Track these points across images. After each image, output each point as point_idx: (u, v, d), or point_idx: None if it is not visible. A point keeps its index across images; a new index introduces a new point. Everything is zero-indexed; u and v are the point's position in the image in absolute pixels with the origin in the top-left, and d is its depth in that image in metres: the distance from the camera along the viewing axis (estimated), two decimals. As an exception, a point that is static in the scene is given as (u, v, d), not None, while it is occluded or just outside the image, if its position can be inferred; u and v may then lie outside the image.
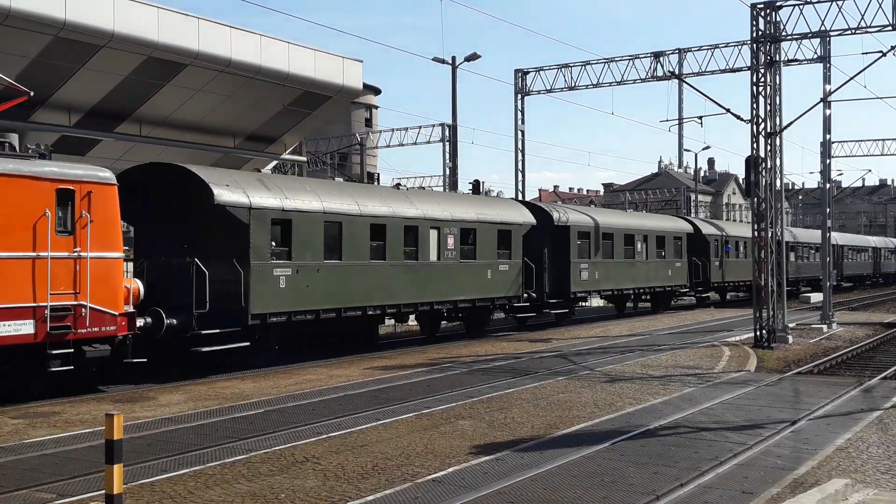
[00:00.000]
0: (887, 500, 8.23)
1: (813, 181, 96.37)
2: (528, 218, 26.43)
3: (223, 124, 23.87)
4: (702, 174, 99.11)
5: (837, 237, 53.17)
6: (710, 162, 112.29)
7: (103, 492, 7.05)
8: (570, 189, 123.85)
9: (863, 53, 38.55)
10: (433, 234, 22.05)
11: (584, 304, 34.58)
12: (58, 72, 19.86)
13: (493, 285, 24.45)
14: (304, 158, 33.31)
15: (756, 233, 23.72)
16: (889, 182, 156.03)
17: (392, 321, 24.58)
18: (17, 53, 18.91)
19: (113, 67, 20.29)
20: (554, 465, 9.53)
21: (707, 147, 66.35)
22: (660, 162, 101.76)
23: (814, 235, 50.99)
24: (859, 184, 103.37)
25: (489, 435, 11.23)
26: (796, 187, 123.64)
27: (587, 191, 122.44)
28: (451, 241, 22.44)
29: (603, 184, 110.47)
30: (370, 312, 20.31)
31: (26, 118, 21.04)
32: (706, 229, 39.01)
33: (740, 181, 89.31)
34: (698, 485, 8.82)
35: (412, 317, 23.87)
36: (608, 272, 30.33)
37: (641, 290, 33.82)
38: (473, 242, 23.64)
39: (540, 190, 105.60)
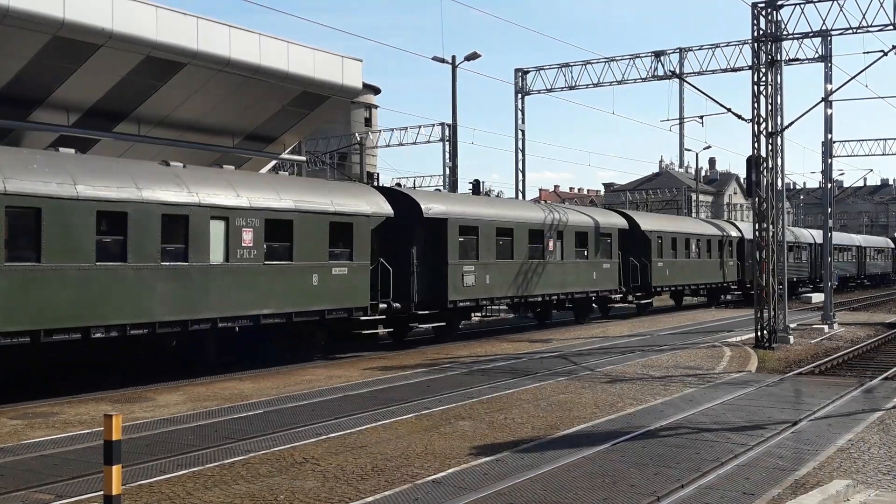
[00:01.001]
0: (889, 501, 8.18)
1: (814, 181, 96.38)
2: (379, 208, 20.81)
3: (222, 124, 23.76)
4: (703, 174, 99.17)
5: (814, 235, 50.03)
6: (712, 162, 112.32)
7: (102, 493, 6.99)
8: (571, 189, 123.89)
9: (864, 53, 38.55)
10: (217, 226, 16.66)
11: (476, 315, 29.61)
12: (56, 71, 19.74)
13: (318, 295, 18.65)
14: (304, 158, 33.20)
15: (758, 233, 23.65)
16: (890, 182, 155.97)
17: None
18: (16, 53, 18.82)
19: (111, 67, 20.18)
20: (554, 466, 9.48)
21: (708, 147, 66.48)
22: (661, 162, 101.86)
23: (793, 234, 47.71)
24: (861, 183, 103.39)
25: (489, 436, 11.18)
26: (798, 187, 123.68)
27: (588, 190, 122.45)
28: (247, 235, 17.18)
29: (604, 184, 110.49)
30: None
31: (24, 118, 20.93)
32: (647, 224, 33.90)
33: (741, 181, 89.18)
34: (699, 486, 8.77)
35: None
36: (504, 276, 24.71)
37: (554, 297, 27.61)
38: (289, 239, 18.23)
39: (540, 190, 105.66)
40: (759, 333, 22.82)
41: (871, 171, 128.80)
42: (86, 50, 19.72)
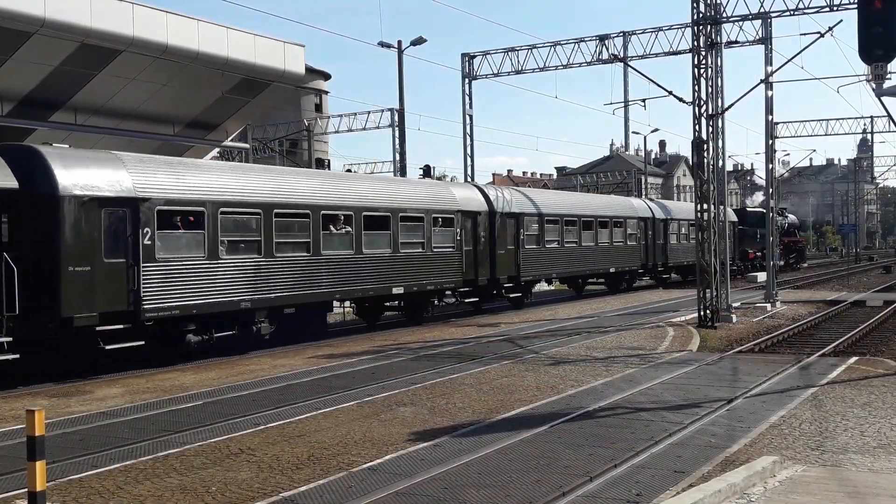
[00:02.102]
0: (815, 476, 8.36)
1: (760, 162, 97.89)
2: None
3: (162, 111, 23.43)
4: (653, 157, 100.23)
5: (653, 208, 39.62)
6: (662, 144, 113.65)
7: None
8: (525, 173, 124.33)
9: (801, 35, 39.09)
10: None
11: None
12: (-13, 61, 19.35)
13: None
14: (248, 146, 32.85)
15: (699, 214, 23.99)
16: (836, 161, 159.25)
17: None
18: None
19: (45, 55, 19.78)
20: (491, 450, 9.52)
21: (656, 130, 66.69)
22: (612, 145, 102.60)
23: (682, 209, 42.96)
24: (806, 163, 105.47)
25: (429, 421, 11.20)
26: (745, 168, 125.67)
27: (541, 174, 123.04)
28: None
29: (556, 168, 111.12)
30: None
31: (-44, 108, 20.46)
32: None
33: (690, 163, 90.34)
34: (632, 465, 8.88)
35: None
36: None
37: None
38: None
39: (493, 174, 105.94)
40: (702, 313, 23.17)
41: (815, 151, 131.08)
42: (18, 38, 19.29)
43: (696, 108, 23.50)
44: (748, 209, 59.01)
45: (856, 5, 14.19)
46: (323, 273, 20.39)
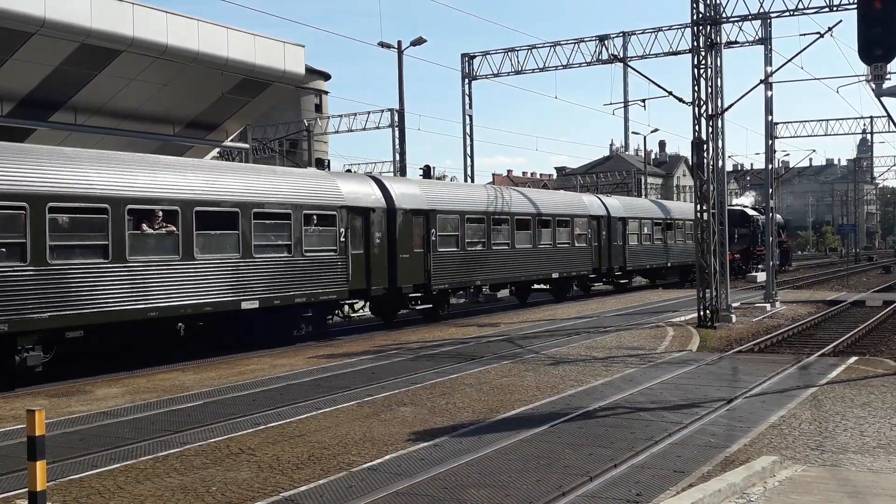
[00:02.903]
0: (815, 476, 8.37)
1: (759, 162, 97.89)
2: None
3: (162, 112, 23.45)
4: (653, 157, 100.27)
5: (610, 205, 35.44)
6: (661, 144, 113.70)
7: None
8: (524, 173, 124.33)
9: (800, 35, 39.17)
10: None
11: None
12: (-13, 61, 19.36)
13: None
14: (248, 146, 32.87)
15: (699, 214, 24.00)
16: (836, 162, 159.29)
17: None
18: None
19: (45, 55, 19.79)
20: (491, 450, 9.53)
21: (655, 130, 66.67)
22: (611, 146, 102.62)
23: (646, 207, 39.80)
24: (806, 164, 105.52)
25: (429, 421, 11.20)
26: (745, 168, 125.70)
27: (541, 175, 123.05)
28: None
29: (556, 168, 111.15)
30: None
31: (-44, 108, 20.48)
32: (412, 200, 23.61)
33: (689, 163, 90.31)
34: (632, 465, 8.88)
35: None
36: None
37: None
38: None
39: (493, 174, 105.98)
40: (701, 313, 23.18)
41: (815, 151, 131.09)
42: (19, 38, 19.29)
43: (696, 109, 23.51)
44: (727, 207, 58.34)
45: (855, 5, 14.20)
46: (127, 286, 15.93)
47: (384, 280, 22.18)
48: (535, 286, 31.75)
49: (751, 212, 53.54)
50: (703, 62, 23.49)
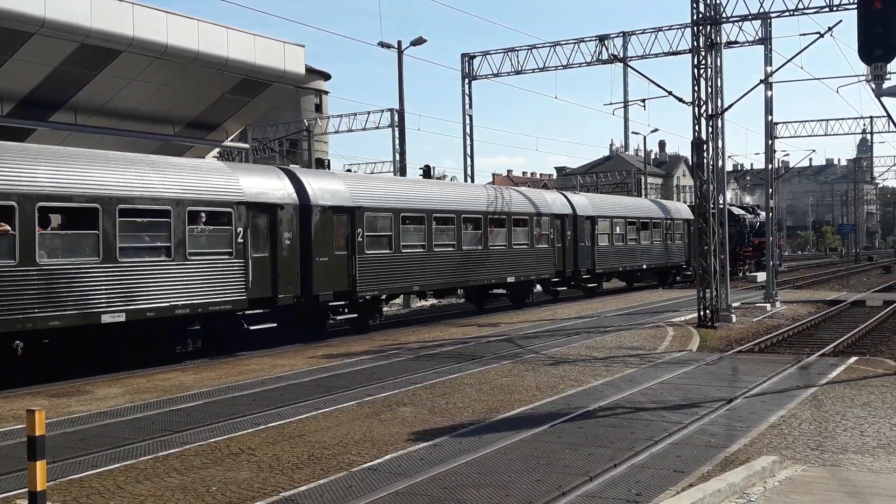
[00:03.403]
0: (815, 476, 8.37)
1: (759, 162, 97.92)
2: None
3: (162, 112, 23.45)
4: (653, 157, 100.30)
5: (577, 203, 32.68)
6: (661, 144, 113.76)
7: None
8: (524, 173, 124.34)
9: (800, 35, 39.19)
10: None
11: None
12: (-13, 61, 19.36)
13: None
14: (247, 146, 32.88)
15: (699, 214, 24.01)
16: (835, 161, 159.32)
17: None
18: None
19: (45, 55, 19.79)
20: (491, 450, 9.53)
21: (655, 130, 66.63)
22: (611, 146, 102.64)
23: (621, 205, 37.29)
24: (806, 164, 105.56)
25: (429, 421, 11.20)
26: (745, 168, 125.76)
27: (541, 175, 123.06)
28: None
29: (556, 168, 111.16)
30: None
31: (-44, 108, 20.48)
32: (323, 195, 20.50)
33: (689, 163, 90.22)
34: (632, 465, 8.88)
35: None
36: None
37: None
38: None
39: (493, 174, 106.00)
40: (701, 313, 23.18)
41: (814, 151, 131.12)
42: (19, 38, 19.29)
43: (696, 109, 23.51)
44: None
45: (855, 5, 14.20)
46: None
47: (295, 287, 19.38)
48: (494, 291, 29.28)
49: (737, 210, 51.35)
50: (703, 62, 23.50)
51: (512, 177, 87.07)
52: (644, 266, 37.70)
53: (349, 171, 47.22)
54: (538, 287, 31.38)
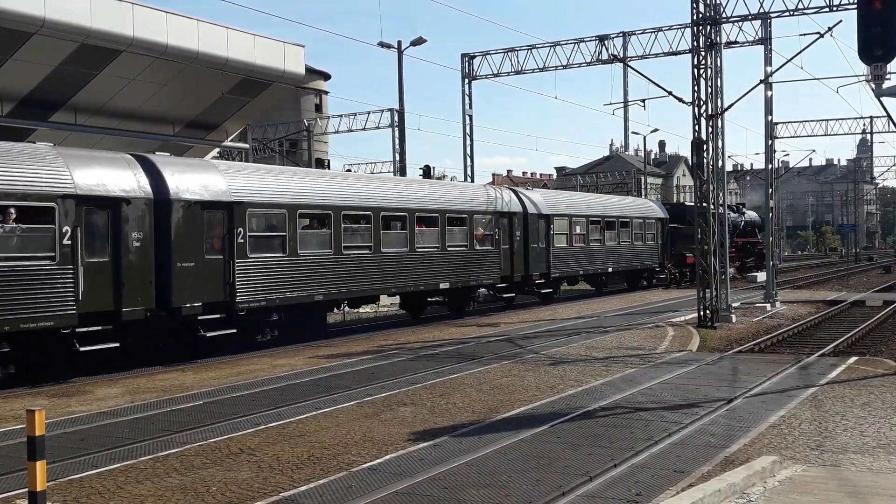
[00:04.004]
0: (815, 476, 8.37)
1: (759, 162, 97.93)
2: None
3: (162, 112, 23.45)
4: (653, 157, 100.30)
5: (528, 200, 29.35)
6: (661, 144, 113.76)
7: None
8: (524, 173, 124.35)
9: (800, 35, 39.16)
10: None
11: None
12: (-13, 61, 19.36)
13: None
14: (247, 146, 32.90)
15: (699, 214, 24.00)
16: (835, 162, 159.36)
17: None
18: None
19: (45, 55, 19.79)
20: (491, 450, 9.53)
21: (655, 130, 66.56)
22: (611, 146, 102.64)
23: (584, 202, 34.51)
24: (806, 164, 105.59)
25: (429, 421, 11.20)
26: (745, 168, 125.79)
27: (541, 174, 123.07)
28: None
29: (556, 167, 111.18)
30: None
31: (-44, 108, 20.48)
32: (189, 187, 17.39)
33: (689, 163, 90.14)
34: (632, 465, 8.88)
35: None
36: None
37: None
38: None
39: (493, 174, 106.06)
40: (701, 313, 23.18)
41: (814, 151, 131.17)
42: (19, 38, 19.29)
43: (696, 109, 23.51)
44: (686, 203, 44.77)
45: (855, 5, 14.20)
46: None
47: (148, 298, 16.23)
48: (431, 299, 26.09)
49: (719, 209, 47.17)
50: (703, 62, 23.50)
51: (512, 177, 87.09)
52: (610, 269, 34.22)
53: (349, 171, 47.20)
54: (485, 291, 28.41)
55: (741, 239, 47.66)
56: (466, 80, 37.18)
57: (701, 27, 23.69)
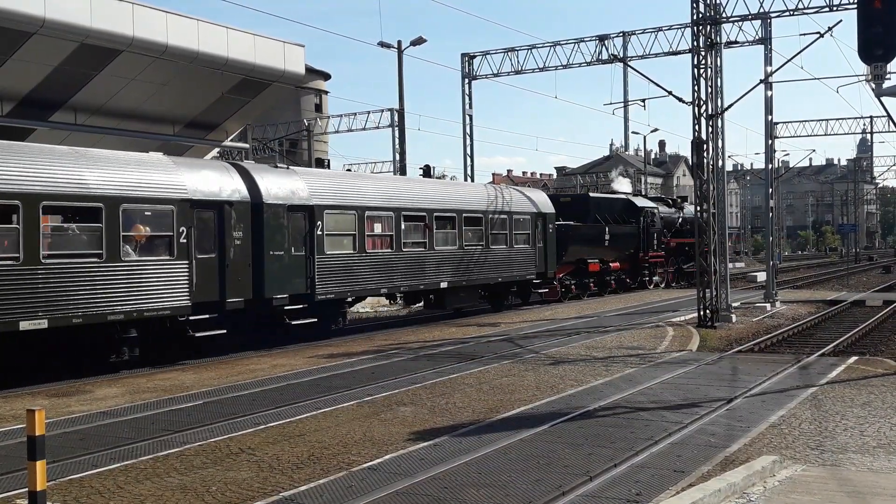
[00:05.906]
0: (815, 476, 8.37)
1: (759, 162, 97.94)
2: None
3: (161, 112, 23.46)
4: (653, 157, 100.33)
5: (295, 186, 19.34)
6: (661, 144, 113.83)
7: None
8: (524, 173, 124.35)
9: (800, 35, 39.18)
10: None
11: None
12: (-13, 60, 19.36)
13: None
14: (247, 146, 32.89)
15: (700, 214, 24.00)
16: (835, 161, 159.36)
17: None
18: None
19: (45, 55, 19.79)
20: (491, 450, 9.53)
21: (655, 130, 66.58)
22: (611, 145, 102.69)
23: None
24: (806, 163, 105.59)
25: (429, 421, 11.20)
26: (745, 168, 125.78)
27: (540, 174, 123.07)
28: None
29: (556, 167, 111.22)
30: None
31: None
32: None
33: (689, 163, 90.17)
34: (632, 464, 8.88)
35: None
36: None
37: None
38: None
39: (493, 174, 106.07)
40: (701, 313, 23.18)
41: (814, 151, 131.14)
42: (18, 38, 19.29)
43: (696, 109, 23.51)
44: (591, 195, 38.48)
45: (855, 5, 14.20)
46: None
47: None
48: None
49: (642, 202, 38.66)
50: (703, 62, 23.50)
51: (512, 176, 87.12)
52: (443, 284, 24.54)
53: (349, 170, 47.23)
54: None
55: (676, 240, 39.86)
56: (466, 80, 37.16)
57: (701, 27, 23.68)
